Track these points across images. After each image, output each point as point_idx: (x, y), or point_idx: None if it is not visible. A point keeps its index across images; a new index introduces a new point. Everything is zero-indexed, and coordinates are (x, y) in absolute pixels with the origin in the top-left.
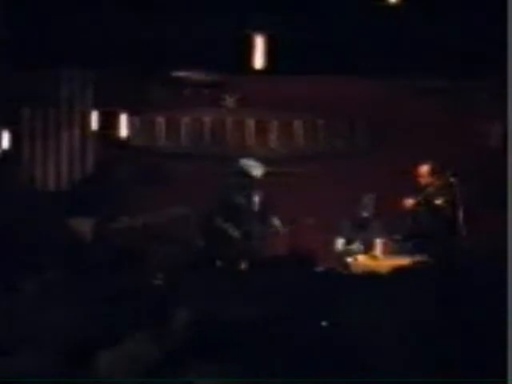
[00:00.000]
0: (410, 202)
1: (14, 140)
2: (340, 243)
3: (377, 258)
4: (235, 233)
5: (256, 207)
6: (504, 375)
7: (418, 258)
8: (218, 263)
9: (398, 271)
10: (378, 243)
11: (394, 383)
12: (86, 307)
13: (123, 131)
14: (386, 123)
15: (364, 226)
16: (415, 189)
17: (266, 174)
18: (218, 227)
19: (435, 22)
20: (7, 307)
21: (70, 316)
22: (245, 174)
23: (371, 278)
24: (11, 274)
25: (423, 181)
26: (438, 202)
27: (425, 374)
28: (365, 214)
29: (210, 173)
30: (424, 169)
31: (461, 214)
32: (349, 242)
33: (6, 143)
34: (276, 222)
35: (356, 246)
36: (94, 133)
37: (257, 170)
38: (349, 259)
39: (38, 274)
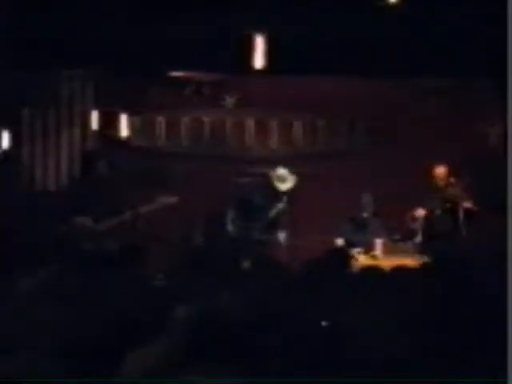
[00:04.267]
0: (420, 212)
1: (14, 140)
2: (339, 243)
3: (377, 257)
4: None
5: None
6: (504, 375)
7: (418, 258)
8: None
9: (399, 271)
10: (378, 243)
11: (395, 383)
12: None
13: (123, 131)
14: (386, 123)
15: (364, 225)
16: (414, 189)
17: (259, 173)
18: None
19: (435, 22)
20: (7, 306)
21: (68, 315)
22: (272, 186)
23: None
24: (11, 273)
25: (442, 183)
26: (468, 205)
27: (425, 374)
28: (364, 214)
29: (209, 172)
30: (442, 170)
31: (461, 214)
32: (349, 242)
33: (6, 143)
34: (281, 236)
35: (356, 251)
36: (94, 133)
37: (286, 184)
38: None
39: (38, 273)
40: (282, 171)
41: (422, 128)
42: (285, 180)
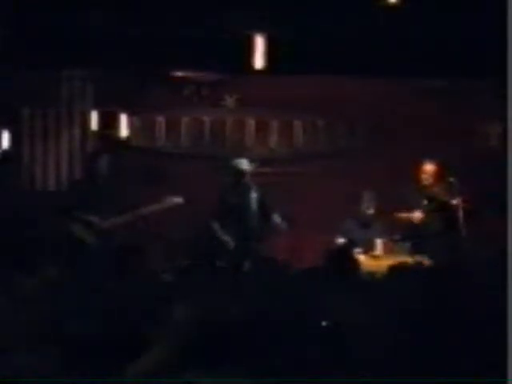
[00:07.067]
0: (417, 215)
1: (14, 140)
2: (341, 242)
3: (377, 257)
4: (226, 238)
5: (255, 207)
6: (504, 375)
7: (418, 257)
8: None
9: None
10: (379, 243)
11: (395, 383)
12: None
13: (123, 131)
14: (386, 123)
15: (365, 224)
16: (415, 189)
17: (259, 173)
18: (214, 231)
19: (435, 22)
20: (8, 306)
21: (71, 314)
22: (234, 171)
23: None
24: (11, 273)
25: (429, 180)
26: (455, 201)
27: (425, 374)
28: (366, 213)
29: (209, 173)
30: (428, 167)
31: (461, 214)
32: (350, 242)
33: (6, 143)
34: (277, 219)
35: (356, 251)
36: (94, 133)
37: (244, 165)
38: None
39: (38, 273)
40: (239, 159)
41: (422, 128)
42: (243, 163)
